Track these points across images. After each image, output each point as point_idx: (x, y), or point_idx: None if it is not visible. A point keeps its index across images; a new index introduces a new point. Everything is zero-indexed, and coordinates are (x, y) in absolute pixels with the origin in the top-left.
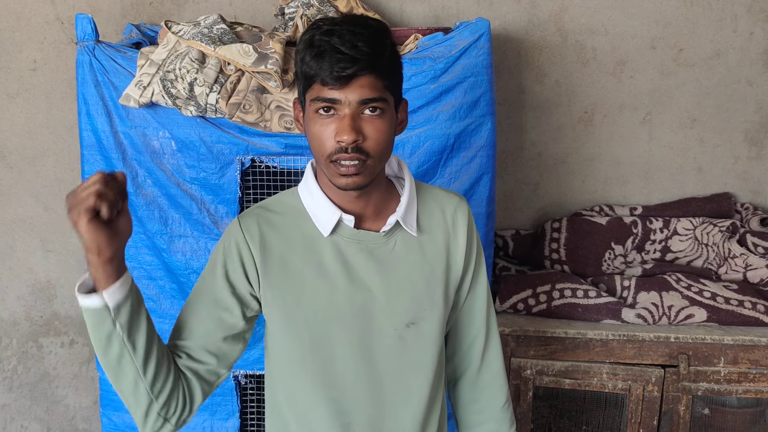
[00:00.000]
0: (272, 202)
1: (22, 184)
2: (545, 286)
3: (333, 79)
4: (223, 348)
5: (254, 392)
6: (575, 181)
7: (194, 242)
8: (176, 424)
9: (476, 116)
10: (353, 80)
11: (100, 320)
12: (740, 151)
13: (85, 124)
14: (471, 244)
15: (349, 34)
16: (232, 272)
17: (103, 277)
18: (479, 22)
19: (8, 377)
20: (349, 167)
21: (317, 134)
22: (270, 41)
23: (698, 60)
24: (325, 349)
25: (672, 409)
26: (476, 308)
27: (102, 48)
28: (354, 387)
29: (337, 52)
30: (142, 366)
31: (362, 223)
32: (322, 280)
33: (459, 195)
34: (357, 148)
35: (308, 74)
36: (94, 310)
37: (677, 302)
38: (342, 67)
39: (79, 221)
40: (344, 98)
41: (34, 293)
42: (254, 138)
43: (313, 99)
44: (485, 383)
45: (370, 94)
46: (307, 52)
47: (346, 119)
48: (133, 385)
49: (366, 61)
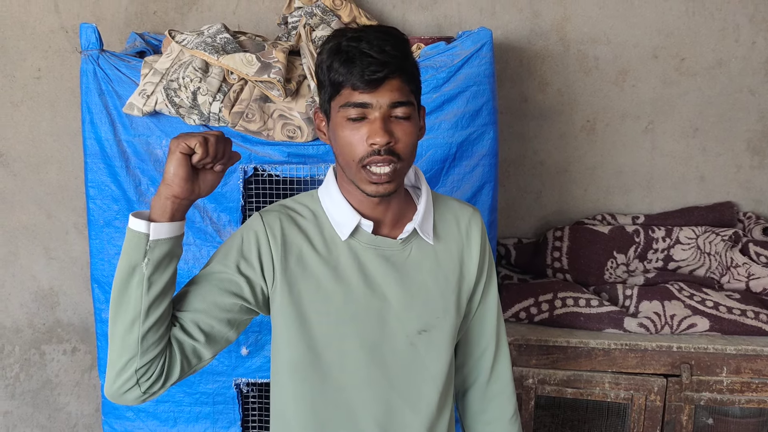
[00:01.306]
0: (293, 203)
1: (26, 192)
2: (547, 295)
3: (364, 83)
4: (215, 329)
5: (256, 401)
6: (577, 190)
7: (197, 250)
8: (144, 392)
9: (478, 125)
10: (384, 83)
11: (135, 246)
12: (743, 160)
13: (89, 133)
14: (484, 255)
15: (377, 39)
16: (246, 261)
17: (160, 210)
18: (481, 32)
19: (11, 384)
20: (381, 175)
21: (347, 139)
22: (273, 50)
23: (700, 69)
24: (336, 351)
25: (674, 419)
26: (487, 319)
27: (106, 57)
28: (363, 392)
29: (367, 56)
30: (146, 309)
31: (380, 229)
32: (338, 283)
33: (473, 206)
34: (389, 150)
35: (336, 81)
36: (135, 232)
37: (680, 311)
38: (373, 70)
39: (175, 151)
40: (375, 102)
41: (37, 300)
42: (257, 147)
43: (342, 105)
44: (494, 394)
45: (399, 97)
46: (335, 59)
47: (377, 122)
48: (129, 326)
49: (395, 65)
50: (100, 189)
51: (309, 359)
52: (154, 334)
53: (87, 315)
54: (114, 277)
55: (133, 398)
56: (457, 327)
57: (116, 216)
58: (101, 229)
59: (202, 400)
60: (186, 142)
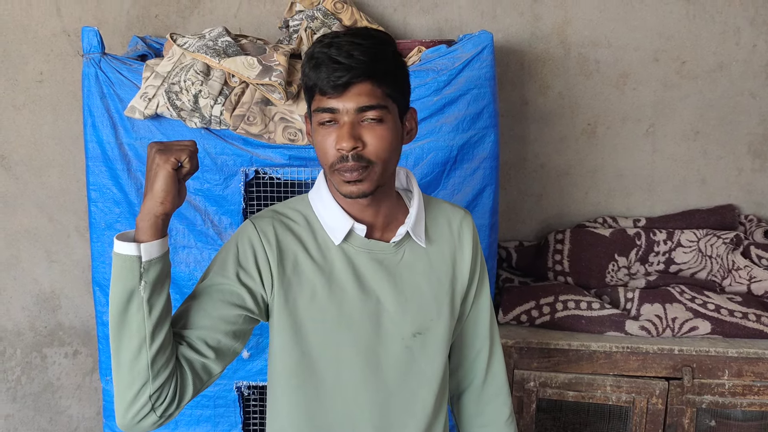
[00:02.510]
0: (284, 208)
1: (28, 195)
2: (548, 298)
3: (330, 87)
4: (222, 343)
5: (257, 404)
6: (578, 193)
7: (198, 253)
8: (161, 416)
9: (479, 128)
10: (349, 88)
11: (129, 271)
12: (744, 163)
13: (91, 136)
14: (476, 257)
15: (348, 44)
16: (244, 271)
17: (151, 230)
18: (482, 35)
19: (12, 387)
20: (352, 173)
21: (320, 144)
22: (274, 54)
23: (701, 72)
24: (331, 356)
25: (676, 422)
26: (480, 321)
27: (108, 60)
28: (359, 396)
29: (333, 62)
30: (151, 333)
31: (372, 233)
32: (333, 288)
33: (464, 209)
34: (357, 156)
35: (308, 86)
36: (126, 256)
37: (681, 314)
38: (337, 75)
39: (164, 165)
40: (342, 106)
41: (39, 303)
42: (258, 149)
43: (315, 110)
44: (490, 397)
45: (367, 102)
46: (307, 65)
47: (345, 127)
48: (136, 354)
49: (361, 69)
50: (102, 192)
51: (304, 365)
52: (162, 355)
53: (88, 318)
54: (108, 307)
55: (149, 424)
56: (451, 329)
57: (118, 219)
58: (103, 232)
59: (203, 403)
60: (175, 156)
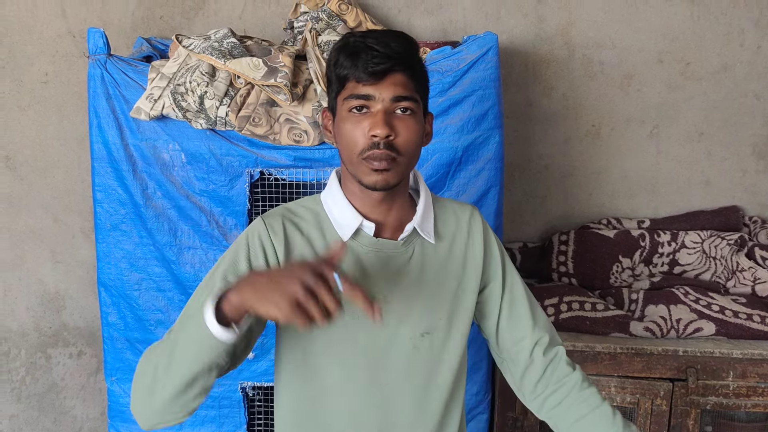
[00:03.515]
0: (295, 206)
1: (33, 196)
2: (553, 299)
3: (368, 74)
4: (238, 348)
5: (262, 404)
6: (582, 194)
7: (203, 254)
8: (185, 416)
9: (484, 129)
10: (387, 76)
11: (216, 348)
12: (748, 165)
13: (96, 137)
14: (489, 251)
15: (383, 36)
16: (255, 267)
17: (239, 316)
18: (487, 36)
19: (17, 388)
20: (381, 162)
21: (349, 132)
22: (279, 55)
23: (705, 74)
24: (338, 356)
25: (681, 423)
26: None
27: (113, 61)
28: (365, 396)
29: (372, 49)
30: (212, 383)
31: (382, 232)
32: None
33: (471, 205)
34: (389, 145)
35: (341, 74)
36: (218, 340)
37: (685, 315)
38: (376, 62)
39: (293, 297)
40: (378, 94)
41: (43, 304)
42: (263, 150)
43: (347, 97)
44: (577, 393)
45: (402, 92)
46: (341, 53)
47: (380, 114)
48: (186, 386)
49: (399, 59)
50: (107, 193)
51: (309, 364)
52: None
53: (93, 319)
54: (178, 362)
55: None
56: (465, 329)
57: (123, 219)
58: (108, 233)
59: (208, 403)
60: (320, 321)
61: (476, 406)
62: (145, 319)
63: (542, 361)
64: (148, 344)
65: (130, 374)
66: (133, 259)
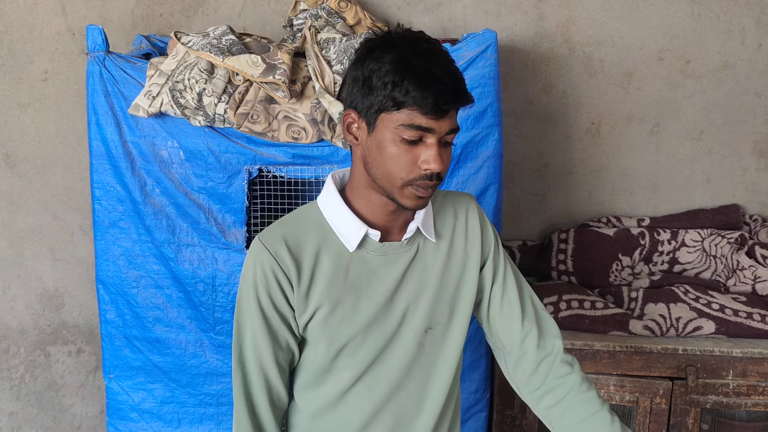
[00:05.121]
0: (293, 219)
1: (32, 193)
2: (552, 297)
3: (436, 110)
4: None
5: None
6: (582, 192)
7: (201, 251)
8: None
9: (483, 127)
10: (450, 112)
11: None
12: (749, 163)
13: (95, 134)
14: (485, 238)
15: (445, 62)
16: (277, 303)
17: None
18: (486, 34)
19: (16, 385)
20: (427, 190)
21: (398, 159)
22: (278, 52)
23: (706, 72)
24: (349, 358)
25: (680, 422)
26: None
27: (112, 59)
28: (370, 391)
29: (442, 83)
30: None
31: (387, 235)
32: (350, 293)
33: (467, 193)
34: (438, 175)
35: (400, 100)
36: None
37: (685, 314)
38: (448, 100)
39: None
40: (438, 128)
41: (43, 302)
42: (262, 148)
43: (402, 124)
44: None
45: (455, 125)
46: (406, 77)
47: (435, 148)
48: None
49: (461, 95)
50: (106, 190)
51: (324, 367)
52: None
53: (92, 316)
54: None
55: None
56: (465, 323)
57: (121, 217)
58: (106, 230)
59: (207, 401)
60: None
61: (475, 405)
62: (144, 317)
63: (535, 354)
64: (146, 341)
65: (129, 372)
66: (132, 257)
